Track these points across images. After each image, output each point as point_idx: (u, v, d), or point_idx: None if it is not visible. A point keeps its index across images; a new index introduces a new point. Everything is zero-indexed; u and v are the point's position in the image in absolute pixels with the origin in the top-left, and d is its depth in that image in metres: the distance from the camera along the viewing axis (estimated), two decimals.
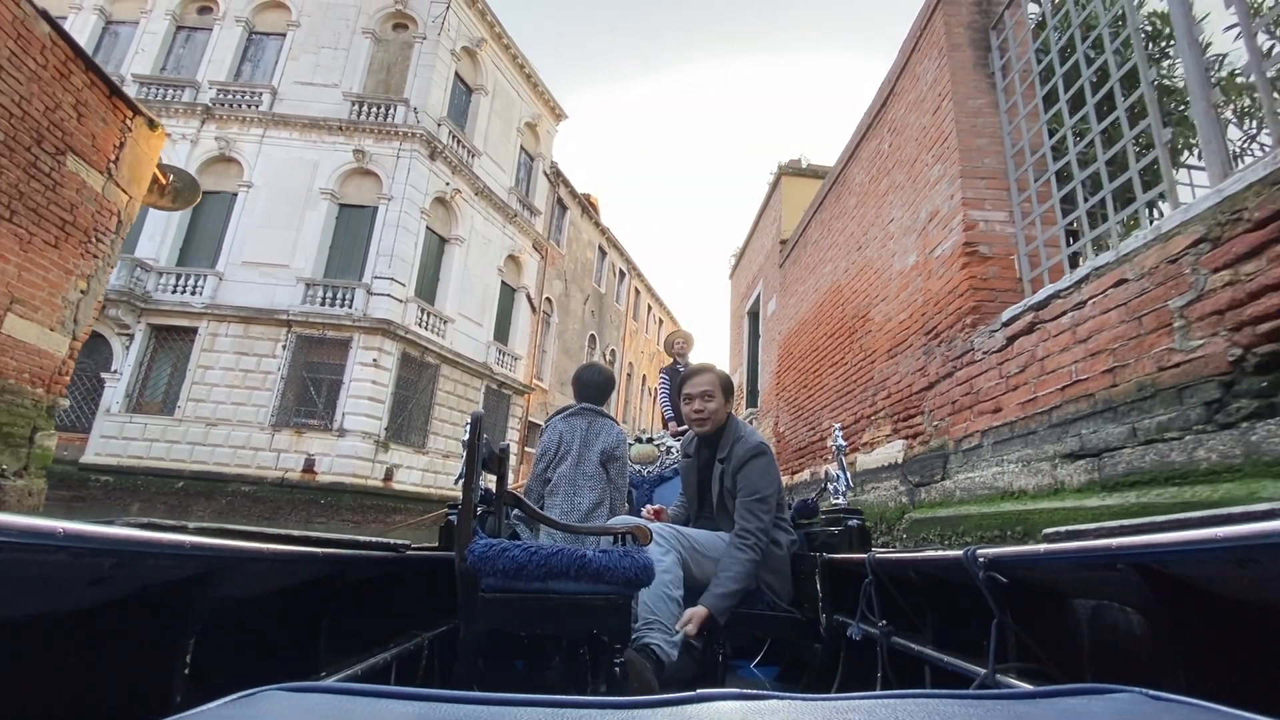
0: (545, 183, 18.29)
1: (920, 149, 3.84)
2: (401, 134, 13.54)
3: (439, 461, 13.82)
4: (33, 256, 4.13)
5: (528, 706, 0.43)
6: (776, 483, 1.95)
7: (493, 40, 15.99)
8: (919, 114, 3.89)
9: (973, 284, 3.17)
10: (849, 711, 0.43)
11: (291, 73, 14.10)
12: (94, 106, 4.46)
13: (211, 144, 13.36)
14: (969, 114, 3.42)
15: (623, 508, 2.16)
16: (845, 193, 5.18)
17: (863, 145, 4.84)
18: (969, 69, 3.50)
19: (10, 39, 3.83)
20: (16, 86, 3.90)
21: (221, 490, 12.05)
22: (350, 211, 13.56)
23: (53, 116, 4.16)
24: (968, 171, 3.32)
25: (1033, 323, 2.63)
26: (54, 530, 0.55)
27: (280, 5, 14.56)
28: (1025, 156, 3.16)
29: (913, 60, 4.00)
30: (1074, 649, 1.04)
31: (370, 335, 12.65)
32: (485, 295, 15.67)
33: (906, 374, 3.84)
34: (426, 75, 14.10)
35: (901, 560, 1.49)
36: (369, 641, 1.41)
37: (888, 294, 4.20)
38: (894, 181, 4.21)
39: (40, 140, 4.09)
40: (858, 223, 4.85)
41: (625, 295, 23.79)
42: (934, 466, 3.38)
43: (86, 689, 0.79)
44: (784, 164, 7.15)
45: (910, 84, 4.05)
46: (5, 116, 3.85)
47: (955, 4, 3.60)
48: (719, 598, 1.76)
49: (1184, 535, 0.66)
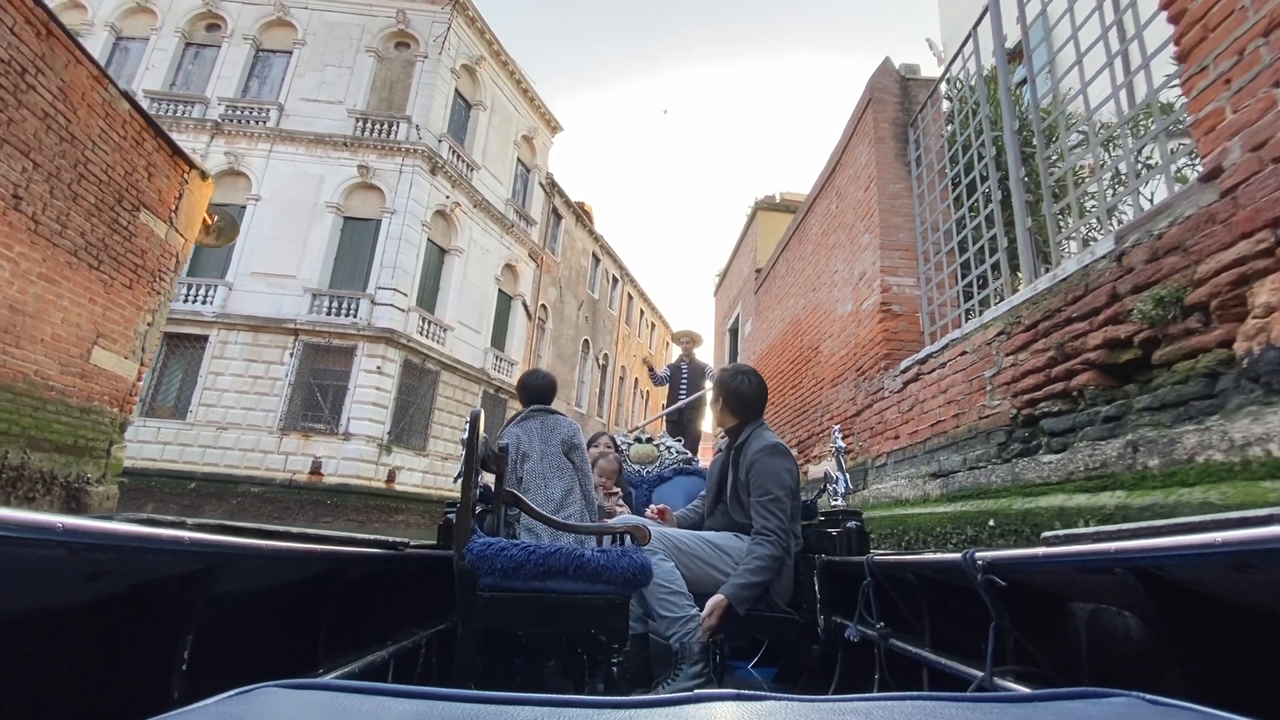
0: (541, 193, 19.10)
1: (855, 217, 4.74)
2: (404, 150, 14.32)
3: (439, 463, 14.65)
4: (114, 297, 4.96)
5: (525, 705, 0.44)
6: (788, 484, 1.96)
7: (491, 58, 16.78)
8: (855, 188, 4.78)
9: (886, 335, 4.07)
10: (846, 713, 0.44)
11: (298, 89, 14.84)
12: (160, 166, 5.29)
13: (221, 158, 14.08)
14: (889, 196, 4.32)
15: (592, 491, 2.27)
16: (805, 239, 6.08)
17: (818, 201, 5.74)
18: (891, 158, 4.39)
19: (100, 118, 4.66)
20: (104, 157, 4.73)
21: (232, 491, 12.84)
22: (355, 224, 14.34)
23: (130, 178, 4.99)
24: (886, 244, 4.22)
25: (918, 373, 3.53)
26: (53, 525, 0.55)
27: (286, 24, 15.30)
28: (930, 233, 4.06)
29: (852, 142, 4.90)
30: (1072, 652, 1.04)
31: (374, 343, 13.46)
32: (483, 303, 16.49)
33: (844, 401, 4.74)
34: (428, 93, 14.88)
35: (900, 562, 1.50)
36: (367, 639, 1.42)
37: (833, 332, 5.10)
38: (838, 239, 5.11)
39: (121, 200, 4.92)
40: (813, 267, 5.75)
41: (618, 300, 24.65)
42: (858, 478, 4.28)
43: (84, 684, 0.79)
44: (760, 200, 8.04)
45: (850, 160, 4.94)
46: (96, 183, 4.68)
47: (883, 103, 4.49)
48: (738, 587, 1.81)
49: (1182, 540, 0.66)
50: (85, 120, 4.51)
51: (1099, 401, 2.16)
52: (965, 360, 3.04)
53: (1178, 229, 1.88)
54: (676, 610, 1.79)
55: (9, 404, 4.20)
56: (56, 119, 4.27)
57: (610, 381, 24.32)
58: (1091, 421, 2.18)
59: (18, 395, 4.26)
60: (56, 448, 4.62)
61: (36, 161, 4.16)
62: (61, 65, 4.27)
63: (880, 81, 4.55)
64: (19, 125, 4.00)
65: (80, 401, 4.79)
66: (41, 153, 4.19)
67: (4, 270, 4.03)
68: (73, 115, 4.40)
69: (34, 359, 4.35)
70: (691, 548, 1.95)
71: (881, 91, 4.50)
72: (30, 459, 4.39)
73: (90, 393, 4.86)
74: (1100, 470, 2.07)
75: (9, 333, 4.13)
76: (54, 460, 4.60)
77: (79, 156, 4.49)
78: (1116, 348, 2.10)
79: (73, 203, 4.48)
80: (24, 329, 4.24)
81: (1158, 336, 1.92)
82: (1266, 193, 1.60)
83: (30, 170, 4.12)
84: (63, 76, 4.29)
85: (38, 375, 4.39)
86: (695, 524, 2.24)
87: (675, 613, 1.79)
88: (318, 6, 15.38)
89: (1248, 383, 1.62)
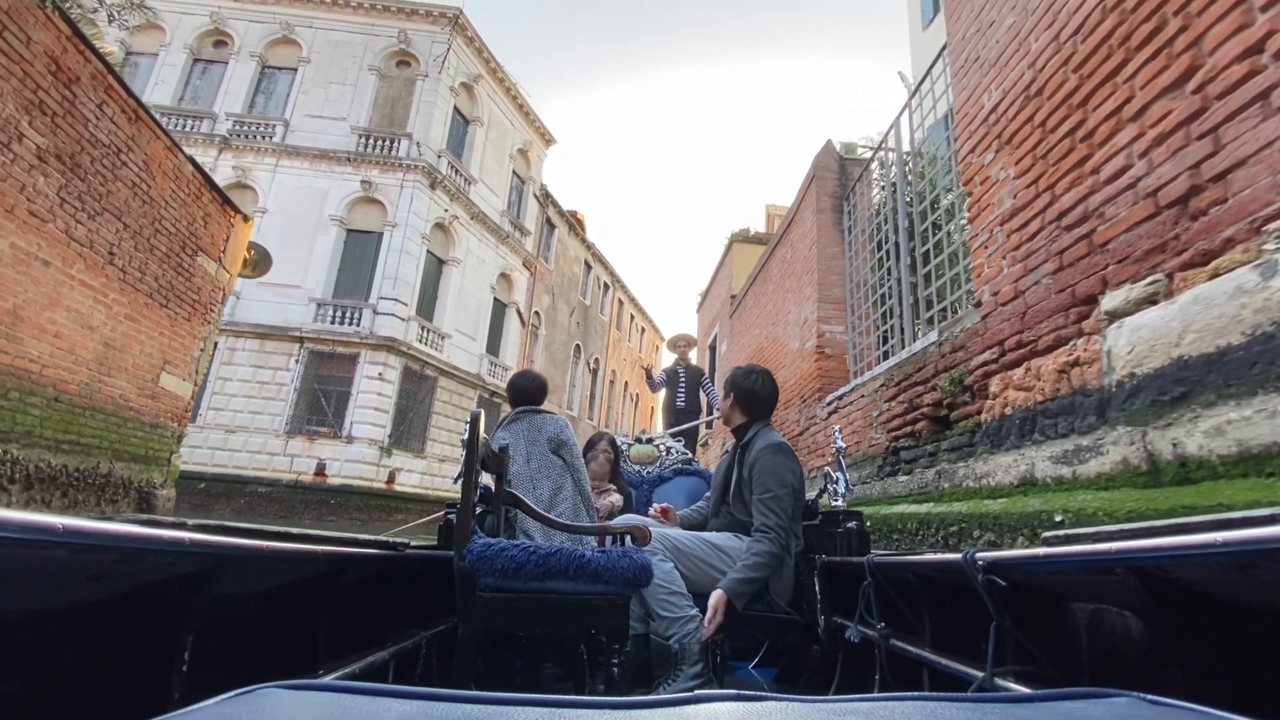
0: (535, 204, 20.07)
1: (802, 270, 5.80)
2: (405, 166, 15.24)
3: (436, 465, 15.63)
4: (176, 329, 5.94)
5: (525, 706, 0.44)
6: (789, 482, 2.00)
7: (488, 75, 17.70)
8: (803, 245, 5.85)
9: (820, 373, 5.13)
10: (846, 713, 0.44)
11: (302, 106, 15.70)
12: (214, 214, 6.26)
13: (229, 172, 14.93)
14: (827, 257, 5.38)
15: (586, 485, 2.26)
16: (768, 279, 7.15)
17: (777, 248, 6.80)
18: (829, 226, 5.46)
19: (171, 181, 5.62)
20: (173, 213, 5.69)
21: (240, 491, 13.74)
22: (357, 236, 15.25)
23: (191, 228, 5.96)
24: (823, 297, 5.29)
25: (837, 406, 4.60)
26: (53, 526, 0.56)
27: (291, 41, 16.14)
28: (857, 290, 5.12)
29: (801, 206, 5.96)
30: (1072, 653, 1.06)
31: (376, 351, 14.40)
32: (479, 311, 17.45)
33: (791, 422, 5.81)
34: (428, 111, 15.80)
35: (900, 563, 1.52)
36: (367, 640, 1.43)
37: (786, 363, 6.17)
38: (790, 285, 6.18)
39: (184, 246, 5.89)
40: (773, 304, 6.82)
41: (609, 306, 25.69)
42: None
43: (84, 685, 0.80)
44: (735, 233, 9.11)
45: (800, 221, 6.00)
46: (166, 235, 5.65)
47: (824, 180, 5.55)
48: (736, 583, 1.86)
49: (1183, 540, 0.67)
50: (160, 184, 5.48)
51: (928, 442, 3.23)
52: (863, 401, 4.11)
53: (963, 334, 2.94)
54: (676, 611, 1.84)
55: (101, 423, 5.17)
56: (140, 186, 5.24)
57: (601, 385, 25.36)
58: (923, 455, 3.25)
59: (108, 415, 5.23)
60: (133, 458, 5.59)
61: (126, 223, 5.12)
62: (145, 141, 5.24)
63: (823, 160, 5.61)
64: (115, 195, 4.97)
65: (150, 418, 5.76)
66: (129, 215, 5.16)
67: (102, 314, 5.00)
68: (152, 182, 5.36)
69: (120, 385, 5.32)
70: (691, 548, 1.99)
71: (823, 169, 5.57)
72: (115, 468, 5.37)
73: (158, 410, 5.84)
74: (923, 488, 3.14)
75: (104, 364, 5.10)
76: (131, 468, 5.58)
77: (155, 215, 5.46)
78: (937, 406, 3.16)
79: (150, 253, 5.45)
80: (114, 361, 5.21)
81: (953, 403, 2.99)
82: (997, 323, 2.66)
83: (121, 230, 5.09)
84: (146, 151, 5.25)
85: (122, 398, 5.37)
86: (699, 525, 2.29)
87: (675, 613, 1.84)
88: (322, 25, 16.23)
89: (985, 439, 2.69)
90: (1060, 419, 2.21)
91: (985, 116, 2.83)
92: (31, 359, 4.43)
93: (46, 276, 4.44)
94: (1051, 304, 2.31)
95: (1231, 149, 1.64)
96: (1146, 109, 1.93)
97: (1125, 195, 1.99)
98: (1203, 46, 1.75)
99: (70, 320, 4.71)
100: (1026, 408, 2.42)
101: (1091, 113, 2.16)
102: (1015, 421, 2.48)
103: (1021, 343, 2.48)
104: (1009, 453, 2.50)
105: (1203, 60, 1.75)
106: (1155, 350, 1.80)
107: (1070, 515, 1.98)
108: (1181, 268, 1.77)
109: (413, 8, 16.27)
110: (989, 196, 2.82)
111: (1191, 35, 1.79)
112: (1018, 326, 2.51)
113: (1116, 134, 2.04)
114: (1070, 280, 2.21)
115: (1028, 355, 2.43)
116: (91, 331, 4.93)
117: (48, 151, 4.30)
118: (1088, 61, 2.19)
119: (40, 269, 4.38)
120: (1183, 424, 1.69)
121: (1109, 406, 1.98)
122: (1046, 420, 2.28)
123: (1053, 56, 2.38)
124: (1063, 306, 2.25)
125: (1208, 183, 1.71)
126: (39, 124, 4.21)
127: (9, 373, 4.26)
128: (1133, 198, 1.96)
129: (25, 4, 4.02)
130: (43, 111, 4.24)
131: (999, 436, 2.60)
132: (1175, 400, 1.72)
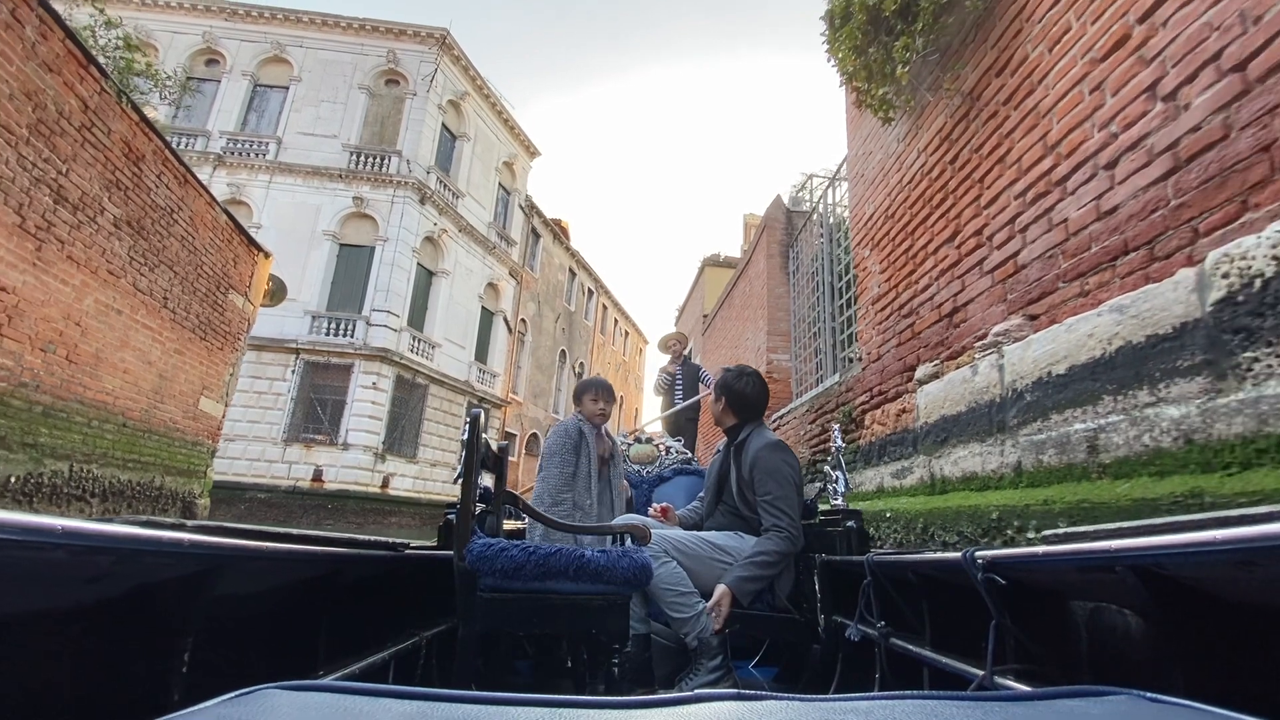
0: (521, 215, 21.01)
1: (757, 303, 6.91)
2: (395, 182, 16.10)
3: (428, 470, 16.57)
4: (212, 357, 6.88)
5: (525, 706, 0.45)
6: (790, 478, 2.05)
7: (475, 92, 18.58)
8: (759, 283, 6.96)
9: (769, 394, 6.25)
10: (847, 712, 0.45)
11: (295, 124, 16.46)
12: (242, 255, 7.20)
13: (224, 188, 15.65)
14: (775, 295, 6.50)
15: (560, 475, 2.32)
16: (732, 306, 8.26)
17: (740, 280, 7.91)
18: (778, 269, 6.57)
19: (210, 230, 6.56)
20: (211, 259, 6.63)
21: (240, 497, 14.57)
22: (350, 250, 16.09)
23: (224, 269, 6.90)
24: (771, 329, 6.40)
25: (779, 425, 5.71)
26: (52, 528, 0.56)
27: (283, 60, 16.88)
28: (799, 324, 6.24)
29: (756, 250, 7.07)
30: (1072, 651, 1.08)
31: (370, 361, 15.28)
32: (467, 320, 18.37)
33: None
34: (417, 128, 16.66)
35: (900, 562, 1.54)
36: (367, 640, 1.45)
37: None
38: (748, 315, 7.30)
39: (219, 285, 6.84)
40: (736, 329, 7.93)
41: (594, 311, 26.71)
42: None
43: (84, 687, 0.81)
44: (707, 257, 10.20)
45: (755, 261, 7.11)
46: (206, 277, 6.59)
47: (774, 230, 6.66)
48: (740, 579, 1.89)
49: (1184, 538, 0.68)
50: (202, 234, 6.41)
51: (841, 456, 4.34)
52: (796, 423, 5.22)
53: (853, 379, 4.05)
54: (688, 610, 1.87)
55: (156, 443, 6.12)
56: (187, 239, 6.18)
57: None
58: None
59: (160, 436, 6.18)
60: (179, 472, 6.53)
61: (176, 270, 6.06)
62: (191, 200, 6.17)
63: (773, 213, 6.72)
64: (168, 249, 5.91)
65: (192, 437, 6.70)
66: (179, 264, 6.10)
67: (158, 350, 5.94)
68: (196, 233, 6.30)
69: (170, 410, 6.26)
70: (692, 548, 2.02)
71: (773, 221, 6.68)
72: (165, 481, 6.31)
73: (198, 430, 6.78)
74: None
75: (159, 393, 6.05)
76: (177, 481, 6.52)
77: (198, 261, 6.40)
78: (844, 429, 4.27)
79: (193, 294, 6.40)
80: (166, 389, 6.15)
81: (846, 429, 4.10)
82: (869, 375, 3.77)
83: (172, 277, 6.03)
84: (192, 208, 6.19)
85: (171, 421, 6.31)
86: (695, 525, 2.32)
87: (687, 613, 1.86)
88: (313, 45, 16.99)
89: (861, 458, 3.80)
90: (897, 448, 3.32)
91: (865, 221, 3.94)
92: (107, 392, 5.37)
93: (119, 323, 5.38)
94: (895, 367, 3.42)
95: (969, 290, 2.75)
96: (938, 249, 3.03)
97: (927, 304, 3.10)
98: (961, 219, 2.86)
99: (135, 358, 5.65)
100: (882, 438, 3.53)
101: (916, 241, 3.27)
102: (876, 447, 3.59)
103: (881, 391, 3.59)
104: (873, 468, 3.61)
105: (961, 227, 2.86)
106: (935, 409, 2.91)
107: (896, 512, 3.09)
108: (948, 358, 2.87)
109: (401, 28, 17.10)
110: (867, 281, 3.93)
111: (955, 209, 2.89)
112: (879, 379, 3.62)
113: (925, 260, 3.15)
114: (903, 354, 3.32)
115: (883, 401, 3.54)
116: (150, 365, 5.87)
117: (121, 219, 5.24)
118: (914, 205, 3.29)
119: (115, 317, 5.32)
120: (944, 457, 2.80)
121: (917, 442, 3.08)
122: (890, 448, 3.39)
123: (899, 193, 3.48)
124: (900, 370, 3.36)
125: (959, 308, 2.81)
126: (115, 198, 5.15)
127: (92, 404, 5.20)
128: (930, 306, 3.07)
129: (108, 101, 4.96)
130: (118, 187, 5.17)
131: (869, 456, 3.71)
132: (940, 442, 2.83)
